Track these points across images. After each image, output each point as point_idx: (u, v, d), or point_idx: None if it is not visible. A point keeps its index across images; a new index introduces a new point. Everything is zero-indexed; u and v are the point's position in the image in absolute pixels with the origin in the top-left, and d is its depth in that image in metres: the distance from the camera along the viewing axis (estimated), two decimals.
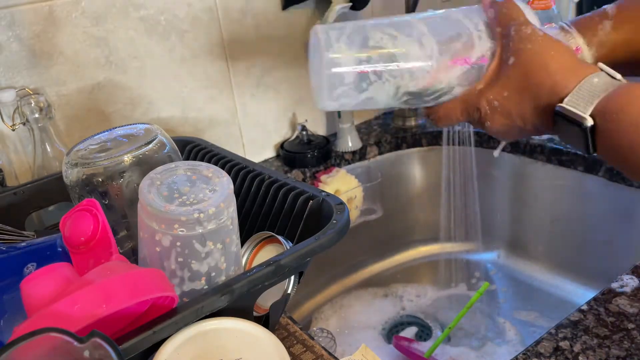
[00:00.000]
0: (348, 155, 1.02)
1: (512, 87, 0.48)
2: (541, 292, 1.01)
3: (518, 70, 0.47)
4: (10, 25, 0.73)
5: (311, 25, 0.98)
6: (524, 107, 0.47)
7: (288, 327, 0.60)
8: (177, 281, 0.46)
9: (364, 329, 0.99)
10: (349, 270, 1.10)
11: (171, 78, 0.88)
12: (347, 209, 0.54)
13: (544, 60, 0.46)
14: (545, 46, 0.46)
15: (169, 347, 0.41)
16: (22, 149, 0.78)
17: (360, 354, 0.56)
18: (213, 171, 0.49)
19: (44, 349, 0.30)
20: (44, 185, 0.67)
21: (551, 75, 0.45)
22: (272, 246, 0.59)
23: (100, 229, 0.48)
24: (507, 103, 0.48)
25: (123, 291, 0.38)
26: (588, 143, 0.43)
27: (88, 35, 0.78)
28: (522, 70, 0.47)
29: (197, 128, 0.93)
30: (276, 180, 0.62)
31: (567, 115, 0.43)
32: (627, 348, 0.54)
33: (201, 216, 0.44)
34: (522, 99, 0.47)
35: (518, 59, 0.47)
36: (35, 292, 0.40)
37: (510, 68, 0.48)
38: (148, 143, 0.57)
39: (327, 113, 1.09)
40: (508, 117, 0.48)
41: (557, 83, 0.45)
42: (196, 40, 0.88)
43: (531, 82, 0.46)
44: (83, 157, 0.56)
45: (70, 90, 0.79)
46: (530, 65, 0.46)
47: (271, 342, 0.43)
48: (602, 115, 0.42)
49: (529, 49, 0.47)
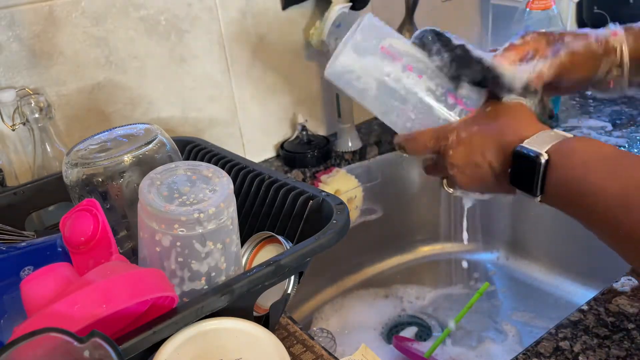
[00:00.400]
0: (348, 155, 1.02)
1: (482, 124, 0.55)
2: (541, 292, 1.01)
3: (492, 114, 0.56)
4: (10, 25, 0.73)
5: (311, 25, 0.99)
6: (486, 143, 0.54)
7: (288, 327, 0.60)
8: (177, 281, 0.46)
9: (364, 329, 0.99)
10: (348, 270, 1.10)
11: (171, 78, 0.88)
12: (347, 209, 0.54)
13: (515, 114, 0.56)
14: (517, 108, 0.56)
15: (169, 347, 0.41)
16: (22, 149, 0.78)
17: (360, 354, 0.56)
18: (213, 171, 0.49)
19: (44, 349, 0.30)
20: (44, 185, 0.67)
21: (517, 123, 0.54)
22: (272, 246, 0.59)
23: (100, 229, 0.48)
24: (473, 137, 0.55)
25: (123, 291, 0.38)
26: (538, 180, 0.50)
27: (88, 35, 0.78)
28: (495, 114, 0.56)
29: (197, 128, 0.93)
30: (276, 180, 0.62)
31: (525, 152, 0.50)
32: (627, 348, 0.54)
33: (201, 216, 0.44)
34: (487, 135, 0.54)
35: (494, 108, 0.57)
36: (35, 292, 0.40)
37: (485, 113, 0.57)
38: (148, 143, 0.57)
39: (327, 113, 1.09)
40: (470, 151, 0.55)
41: (520, 129, 0.53)
42: (196, 40, 0.88)
43: (500, 124, 0.54)
44: (83, 157, 0.56)
45: (70, 90, 0.79)
46: (503, 113, 0.56)
47: (271, 342, 0.43)
48: (556, 152, 0.49)
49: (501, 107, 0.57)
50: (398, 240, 1.13)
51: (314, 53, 1.02)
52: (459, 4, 1.21)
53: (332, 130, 1.10)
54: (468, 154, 0.55)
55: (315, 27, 0.97)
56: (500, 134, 0.54)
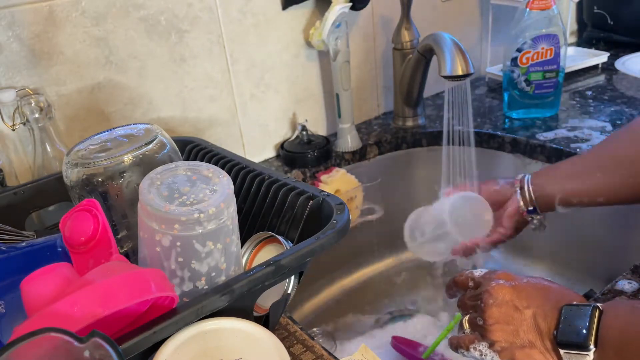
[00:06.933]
0: (348, 155, 1.02)
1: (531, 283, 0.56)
2: None
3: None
4: (10, 25, 0.73)
5: (311, 25, 0.99)
6: (535, 300, 0.53)
7: (288, 327, 0.60)
8: (177, 281, 0.46)
9: (364, 329, 0.99)
10: (349, 270, 1.10)
11: (171, 78, 0.88)
12: (347, 209, 0.54)
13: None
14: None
15: (169, 347, 0.41)
16: (22, 149, 0.78)
17: (360, 354, 0.56)
18: (213, 171, 0.49)
19: (44, 349, 0.30)
20: (44, 185, 0.67)
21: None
22: (272, 246, 0.59)
23: (100, 229, 0.48)
24: (519, 284, 0.55)
25: (123, 291, 0.38)
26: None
27: (88, 35, 0.78)
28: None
29: (197, 128, 0.93)
30: (276, 180, 0.62)
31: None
32: None
33: (201, 216, 0.44)
34: (537, 292, 0.54)
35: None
36: (35, 292, 0.40)
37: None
38: (148, 143, 0.57)
39: (327, 112, 1.09)
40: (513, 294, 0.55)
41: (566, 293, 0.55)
42: (196, 40, 0.88)
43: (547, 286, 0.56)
44: (83, 157, 0.56)
45: (70, 90, 0.79)
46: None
47: (271, 342, 0.43)
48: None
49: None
50: (398, 240, 1.13)
51: (314, 53, 1.03)
52: (459, 4, 1.21)
53: (332, 130, 1.10)
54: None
55: (315, 27, 0.97)
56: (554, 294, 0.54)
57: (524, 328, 0.52)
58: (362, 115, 1.15)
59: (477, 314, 0.56)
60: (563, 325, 0.49)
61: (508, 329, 0.53)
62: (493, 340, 0.54)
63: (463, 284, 0.62)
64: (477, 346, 0.55)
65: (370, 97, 1.15)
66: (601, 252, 0.94)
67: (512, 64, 1.03)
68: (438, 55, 0.85)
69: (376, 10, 1.07)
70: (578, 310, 0.49)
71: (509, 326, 0.53)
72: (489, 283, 0.56)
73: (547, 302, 0.52)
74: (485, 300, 0.55)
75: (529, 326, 0.52)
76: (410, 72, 1.01)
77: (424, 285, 1.07)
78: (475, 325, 0.56)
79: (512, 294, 0.54)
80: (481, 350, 0.55)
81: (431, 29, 0.93)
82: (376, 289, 1.08)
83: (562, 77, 1.04)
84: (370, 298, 1.06)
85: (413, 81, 1.03)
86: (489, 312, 0.54)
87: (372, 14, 1.07)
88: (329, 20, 0.93)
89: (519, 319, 0.52)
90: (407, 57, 1.02)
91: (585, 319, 0.48)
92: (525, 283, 0.55)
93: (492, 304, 0.54)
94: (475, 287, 0.59)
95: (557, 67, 1.01)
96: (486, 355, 0.55)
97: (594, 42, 1.43)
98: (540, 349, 0.51)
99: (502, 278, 0.56)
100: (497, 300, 0.54)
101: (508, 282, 0.55)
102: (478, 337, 0.56)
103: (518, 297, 0.53)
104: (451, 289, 0.65)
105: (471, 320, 0.57)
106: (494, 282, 0.55)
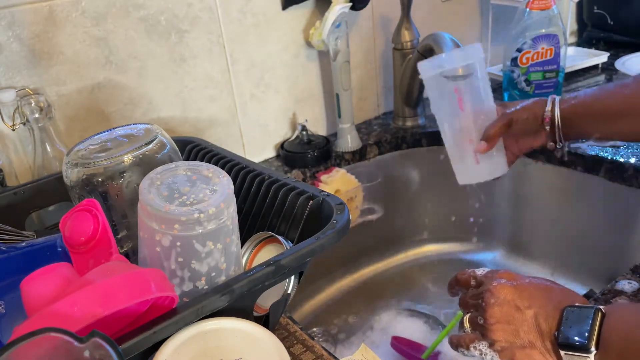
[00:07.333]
0: (348, 155, 1.02)
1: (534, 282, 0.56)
2: None
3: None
4: (10, 25, 0.73)
5: (311, 25, 0.99)
6: (536, 299, 0.53)
7: (288, 327, 0.60)
8: (177, 281, 0.46)
9: (364, 329, 0.99)
10: (349, 270, 1.10)
11: (171, 78, 0.88)
12: (347, 209, 0.54)
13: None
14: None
15: (169, 347, 0.41)
16: (22, 149, 0.78)
17: (360, 354, 0.56)
18: (213, 171, 0.49)
19: (44, 349, 0.30)
20: (44, 185, 0.67)
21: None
22: (272, 246, 0.59)
23: (100, 229, 0.48)
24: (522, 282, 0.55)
25: (123, 291, 0.38)
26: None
27: (88, 35, 0.78)
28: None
29: (197, 128, 0.93)
30: (276, 180, 0.62)
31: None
32: None
33: (201, 216, 0.44)
34: (539, 292, 0.54)
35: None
36: (35, 292, 0.40)
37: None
38: (148, 143, 0.57)
39: (327, 112, 1.09)
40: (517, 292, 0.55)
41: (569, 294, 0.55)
42: (196, 40, 0.88)
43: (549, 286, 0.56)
44: (83, 157, 0.56)
45: (70, 90, 0.79)
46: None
47: (271, 342, 0.43)
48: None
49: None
50: (398, 240, 1.13)
51: (314, 53, 1.03)
52: (459, 4, 1.21)
53: (332, 130, 1.10)
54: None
55: (315, 27, 0.97)
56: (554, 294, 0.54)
57: (525, 328, 0.52)
58: (362, 115, 1.15)
59: (478, 313, 0.56)
60: (564, 327, 0.49)
61: (509, 328, 0.53)
62: (493, 340, 0.54)
63: (465, 282, 0.62)
64: (477, 345, 0.55)
65: (370, 97, 1.15)
66: (601, 252, 0.94)
67: (512, 64, 1.03)
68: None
69: (376, 10, 1.07)
70: (580, 312, 0.49)
71: (510, 326, 0.53)
72: (490, 282, 0.56)
73: (549, 302, 0.52)
74: (486, 300, 0.55)
75: (530, 326, 0.52)
76: (410, 72, 1.01)
77: (424, 285, 1.07)
78: (476, 324, 0.56)
79: (514, 294, 0.54)
80: (481, 349, 0.55)
81: (431, 29, 0.93)
82: (376, 289, 1.08)
83: (562, 77, 1.04)
84: (371, 298, 1.06)
85: (413, 81, 1.03)
86: (490, 312, 0.54)
87: (372, 14, 1.07)
88: (329, 20, 0.93)
89: (520, 319, 0.52)
90: (407, 57, 1.02)
91: (587, 321, 0.48)
92: (527, 283, 0.55)
93: (494, 304, 0.54)
94: (477, 286, 0.59)
95: (557, 67, 1.01)
96: (486, 354, 0.55)
97: (594, 42, 1.42)
98: (541, 349, 0.51)
99: (504, 277, 0.56)
100: (499, 300, 0.54)
101: (510, 281, 0.55)
102: (478, 336, 0.56)
103: (520, 297, 0.53)
104: (453, 287, 0.65)
105: (472, 319, 0.57)
106: (496, 282, 0.55)
